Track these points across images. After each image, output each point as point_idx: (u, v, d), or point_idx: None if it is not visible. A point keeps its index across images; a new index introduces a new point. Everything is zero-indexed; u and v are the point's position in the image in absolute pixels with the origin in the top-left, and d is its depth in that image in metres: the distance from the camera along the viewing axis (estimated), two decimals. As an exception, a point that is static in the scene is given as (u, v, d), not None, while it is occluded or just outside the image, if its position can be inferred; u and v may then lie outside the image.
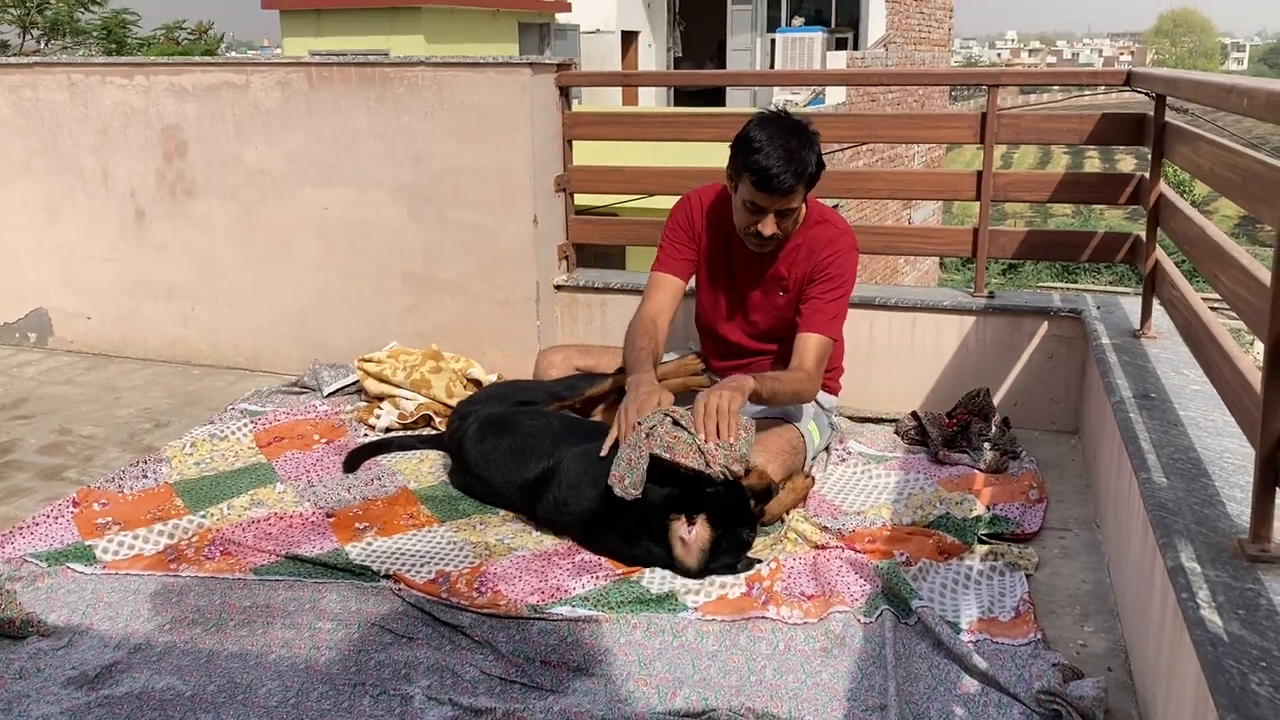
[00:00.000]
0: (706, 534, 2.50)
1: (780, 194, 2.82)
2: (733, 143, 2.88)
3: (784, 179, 2.78)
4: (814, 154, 2.84)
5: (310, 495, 2.97)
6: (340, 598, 2.43)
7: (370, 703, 2.06)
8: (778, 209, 2.87)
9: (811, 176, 2.85)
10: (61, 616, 2.36)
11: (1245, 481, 1.97)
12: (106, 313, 4.51)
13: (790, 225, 2.95)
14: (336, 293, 4.12)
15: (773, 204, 2.85)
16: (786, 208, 2.87)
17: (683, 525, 2.51)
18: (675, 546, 2.50)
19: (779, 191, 2.81)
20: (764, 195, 2.83)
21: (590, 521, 2.66)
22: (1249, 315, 1.85)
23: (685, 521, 2.51)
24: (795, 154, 2.79)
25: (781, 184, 2.79)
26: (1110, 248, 3.54)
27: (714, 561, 2.50)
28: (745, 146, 2.81)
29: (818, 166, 2.86)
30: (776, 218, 2.88)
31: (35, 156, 4.43)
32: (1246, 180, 2.01)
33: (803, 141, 2.82)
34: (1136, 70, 3.32)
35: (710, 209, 3.13)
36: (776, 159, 2.77)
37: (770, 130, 2.82)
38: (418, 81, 3.80)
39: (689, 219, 3.15)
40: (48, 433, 3.63)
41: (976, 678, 2.07)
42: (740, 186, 2.87)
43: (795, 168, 2.78)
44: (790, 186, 2.80)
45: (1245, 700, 1.36)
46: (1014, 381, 3.56)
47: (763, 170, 2.77)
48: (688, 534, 2.50)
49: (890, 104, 17.21)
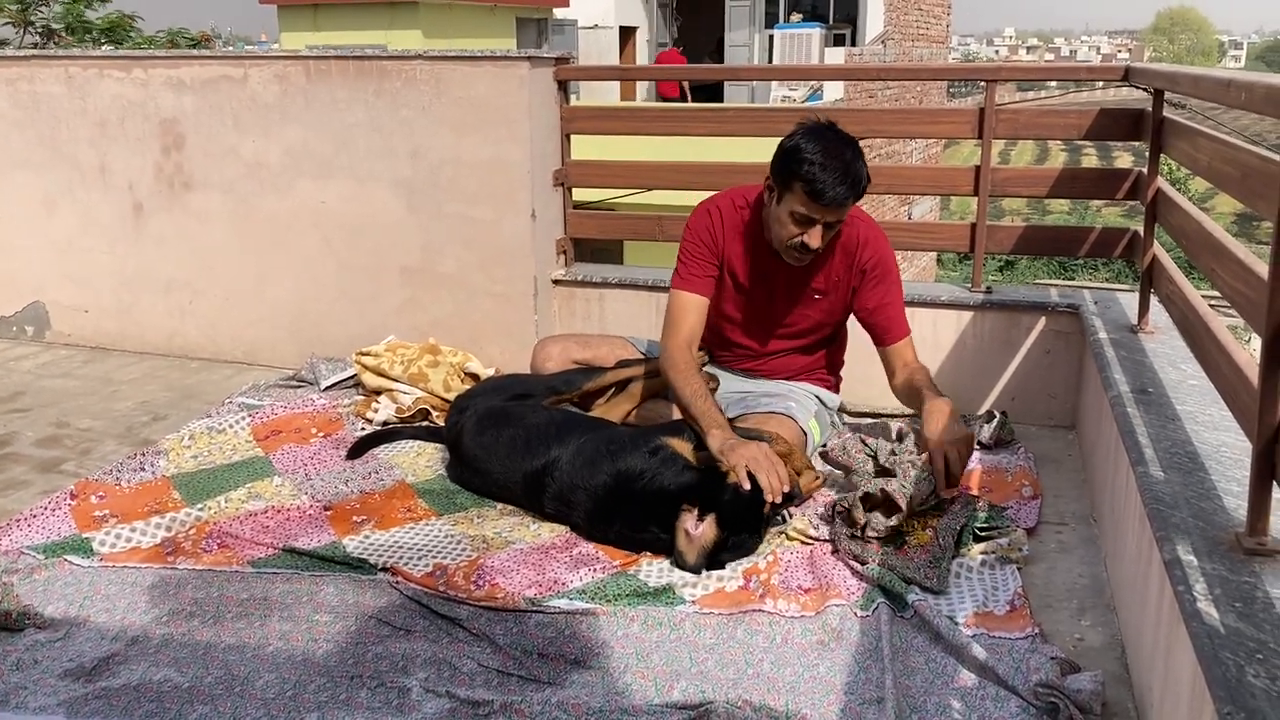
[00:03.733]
0: (712, 534, 2.50)
1: (835, 206, 2.78)
2: (778, 153, 2.83)
3: (840, 191, 2.74)
4: (865, 167, 2.81)
5: (308, 488, 2.97)
6: (337, 590, 2.43)
7: (368, 695, 2.06)
8: (829, 221, 2.82)
9: (864, 190, 2.82)
10: (59, 609, 2.36)
11: (1242, 475, 1.97)
12: (104, 306, 4.50)
13: (831, 236, 2.91)
14: (334, 286, 4.12)
15: (825, 215, 2.80)
16: (836, 220, 2.83)
17: (692, 518, 2.51)
18: (679, 537, 2.50)
19: (834, 203, 2.76)
20: (818, 207, 2.77)
21: (599, 506, 2.66)
22: (1246, 310, 1.86)
23: (695, 515, 2.51)
24: (851, 166, 2.75)
25: (838, 196, 2.74)
26: (1108, 243, 3.54)
27: (713, 562, 2.50)
28: (797, 157, 2.75)
29: (868, 179, 2.83)
30: (826, 230, 2.84)
31: (33, 149, 4.42)
32: (1245, 175, 2.01)
33: (856, 153, 2.80)
34: (1134, 65, 3.32)
35: (733, 218, 3.05)
36: (834, 171, 2.72)
37: (824, 143, 2.77)
38: (415, 75, 3.80)
39: (711, 232, 3.05)
40: (45, 425, 3.63)
41: (974, 670, 2.08)
42: (787, 197, 2.81)
43: (851, 180, 2.75)
44: (845, 198, 2.77)
45: (1241, 692, 1.36)
46: (1011, 377, 3.56)
47: (819, 182, 2.72)
48: (694, 528, 2.50)
49: (888, 100, 17.20)
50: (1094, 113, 3.45)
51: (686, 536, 2.50)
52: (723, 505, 2.52)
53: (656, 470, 2.64)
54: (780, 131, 2.94)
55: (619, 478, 2.65)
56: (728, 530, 2.51)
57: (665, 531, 2.54)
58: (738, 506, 2.53)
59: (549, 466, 2.76)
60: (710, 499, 2.53)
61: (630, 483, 2.62)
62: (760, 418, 3.00)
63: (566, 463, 2.75)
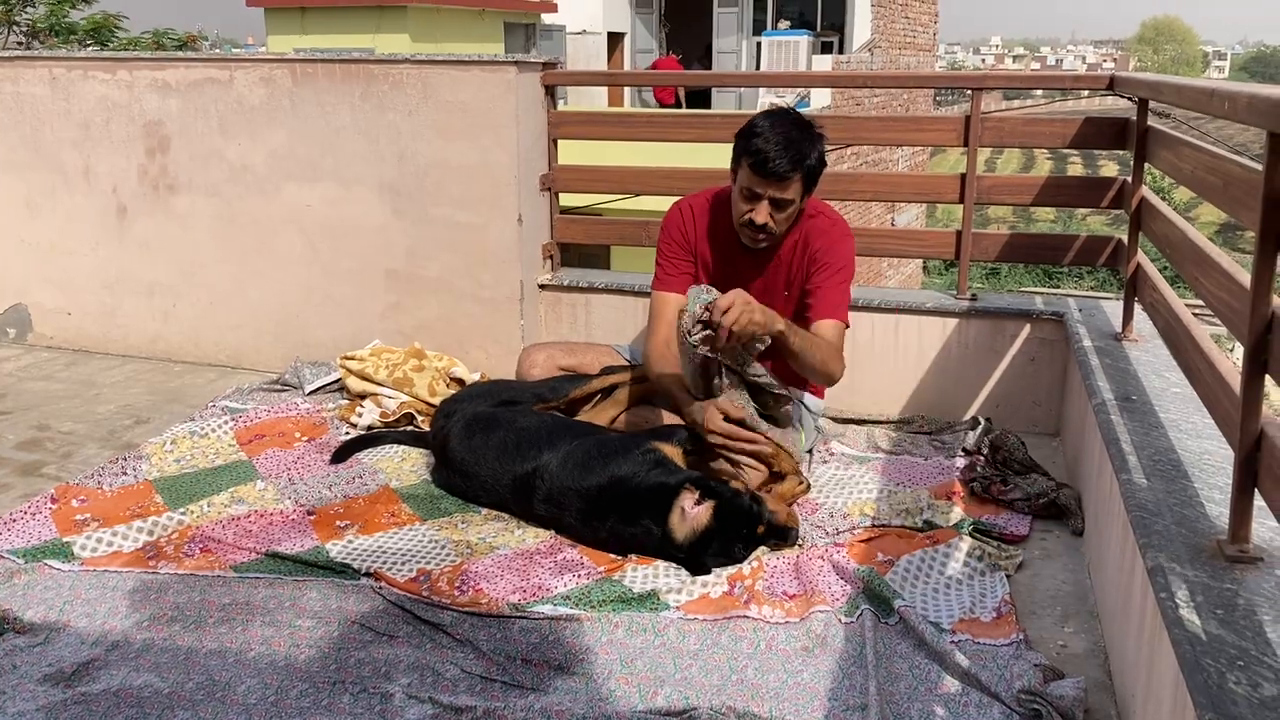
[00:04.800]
0: (706, 518, 2.52)
1: (776, 179, 2.83)
2: (737, 132, 2.90)
3: (780, 163, 2.80)
4: (815, 149, 2.86)
5: (291, 493, 2.96)
6: (320, 595, 2.42)
7: (350, 700, 2.05)
8: (772, 196, 2.86)
9: (810, 170, 2.86)
10: (38, 613, 2.34)
11: (1224, 483, 1.98)
12: (87, 309, 4.48)
13: (785, 221, 2.94)
14: (319, 290, 4.11)
15: (768, 189, 2.85)
16: (781, 197, 2.86)
17: (691, 498, 2.54)
18: (674, 513, 2.53)
19: (774, 176, 2.82)
20: (760, 179, 2.84)
21: (592, 506, 2.67)
22: (1229, 318, 1.87)
23: (695, 497, 2.54)
24: (796, 142, 2.82)
25: (778, 168, 2.80)
26: (1093, 251, 3.56)
27: (700, 550, 2.51)
28: (748, 132, 2.85)
29: (818, 163, 2.87)
30: (771, 207, 2.88)
31: (15, 151, 4.39)
32: (1228, 184, 2.02)
33: (806, 134, 2.85)
34: (1119, 75, 3.33)
35: (705, 215, 3.11)
36: (775, 143, 2.80)
37: (775, 120, 2.86)
38: (402, 79, 3.79)
39: (683, 231, 3.13)
40: (26, 428, 3.60)
41: (958, 677, 2.08)
42: (739, 173, 2.89)
43: (793, 154, 2.80)
44: (785, 172, 2.81)
45: (1223, 699, 1.37)
46: (996, 384, 3.57)
47: (760, 153, 2.80)
48: (690, 507, 2.53)
49: (875, 108, 17.25)
50: (1079, 121, 3.46)
51: (681, 514, 2.52)
52: (724, 500, 2.55)
53: (649, 471, 2.66)
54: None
55: (612, 479, 2.66)
56: (721, 524, 2.52)
57: (659, 524, 2.55)
58: (737, 507, 2.56)
59: (540, 469, 2.76)
60: (713, 491, 2.56)
61: (623, 483, 2.64)
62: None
63: (558, 465, 2.75)
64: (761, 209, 2.88)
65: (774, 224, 2.91)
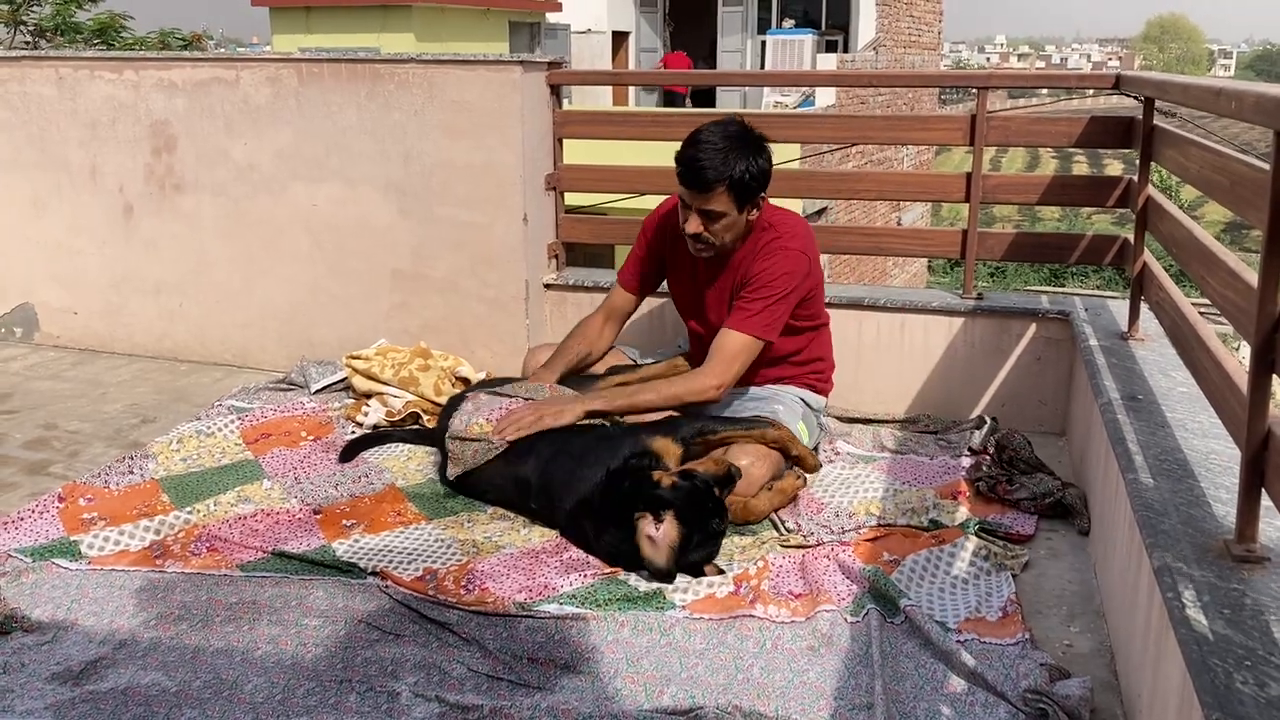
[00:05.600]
0: (675, 532, 2.46)
1: (699, 189, 2.86)
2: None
3: (703, 173, 2.82)
4: (747, 161, 2.86)
5: (297, 492, 2.97)
6: (327, 594, 2.42)
7: (357, 699, 2.05)
8: (699, 207, 2.89)
9: (737, 182, 2.85)
10: (46, 612, 2.35)
11: (1231, 482, 1.97)
12: (93, 308, 4.49)
13: (724, 232, 2.94)
14: (325, 289, 4.11)
15: (694, 200, 2.89)
16: (709, 208, 2.89)
17: (649, 523, 2.48)
18: (643, 546, 2.46)
19: (696, 186, 2.85)
20: (685, 189, 2.89)
21: (570, 515, 2.69)
22: (1235, 317, 1.86)
23: (652, 519, 2.48)
24: (724, 155, 2.83)
25: (699, 177, 2.83)
26: (1098, 250, 3.55)
27: (685, 557, 2.48)
28: (686, 139, 2.88)
29: (750, 176, 2.86)
30: (702, 218, 2.91)
31: (22, 151, 4.41)
32: (1234, 183, 2.02)
33: (740, 146, 2.86)
34: (1125, 74, 3.33)
35: (673, 220, 3.14)
36: (702, 153, 2.83)
37: (714, 129, 2.88)
38: (408, 79, 3.79)
39: (658, 230, 3.22)
40: (33, 428, 3.61)
41: (964, 676, 2.08)
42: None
43: (717, 165, 2.82)
44: (708, 182, 2.83)
45: (1230, 699, 1.37)
46: (1002, 383, 3.57)
47: (684, 162, 2.85)
48: (655, 532, 2.47)
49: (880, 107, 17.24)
50: (1085, 120, 3.46)
51: (650, 543, 2.46)
52: (678, 498, 2.49)
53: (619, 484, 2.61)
54: (771, 137, 2.96)
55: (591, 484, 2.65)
56: (689, 522, 2.48)
57: (626, 542, 2.50)
58: (689, 498, 2.50)
59: (535, 465, 2.78)
60: (661, 499, 2.50)
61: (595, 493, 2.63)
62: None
63: (548, 461, 2.77)
64: (693, 219, 2.92)
65: (710, 234, 2.93)
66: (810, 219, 13.67)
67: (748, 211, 2.94)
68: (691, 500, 2.51)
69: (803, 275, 3.01)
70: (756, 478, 2.83)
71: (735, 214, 2.91)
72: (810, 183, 4.82)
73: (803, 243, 3.03)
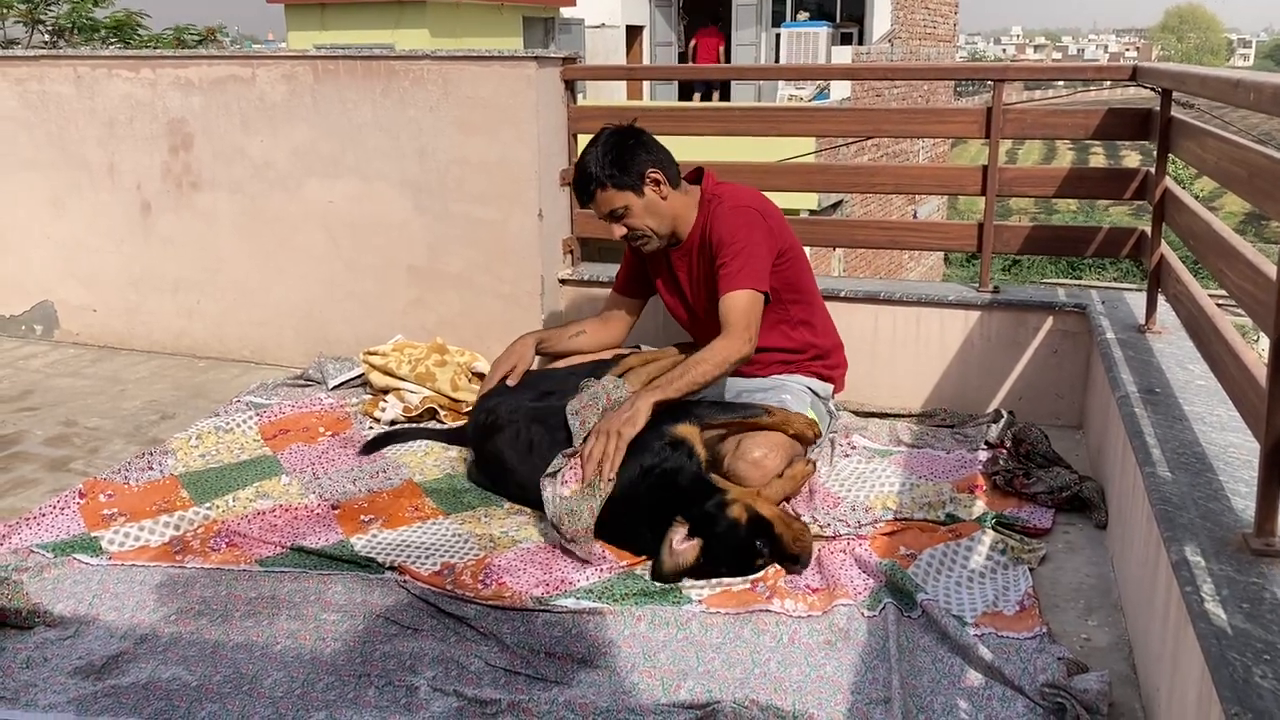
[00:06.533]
0: (692, 556, 2.47)
1: (586, 199, 3.00)
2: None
3: (580, 184, 2.99)
4: (614, 155, 2.94)
5: (315, 487, 2.98)
6: (345, 589, 2.44)
7: (375, 694, 2.06)
8: (601, 214, 3.01)
9: (608, 177, 2.93)
10: (68, 607, 2.37)
11: (1250, 476, 1.97)
12: (112, 305, 4.52)
13: (649, 220, 3.01)
14: (341, 286, 4.13)
15: (596, 210, 3.02)
16: (608, 210, 2.99)
17: (681, 533, 2.50)
18: (664, 546, 2.48)
19: (583, 197, 3.01)
20: (581, 206, 3.04)
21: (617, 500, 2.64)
22: (1255, 310, 1.86)
23: (685, 532, 2.50)
24: (589, 163, 2.95)
25: (580, 189, 3.00)
26: (1115, 243, 3.53)
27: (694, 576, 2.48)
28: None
29: (617, 166, 2.93)
30: (613, 220, 3.01)
31: (41, 149, 4.44)
32: (1253, 175, 2.01)
33: (606, 146, 2.96)
34: (1143, 65, 3.31)
35: None
36: (578, 168, 2.99)
37: (590, 144, 3.00)
38: (423, 75, 3.80)
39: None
40: (54, 424, 3.64)
41: (981, 670, 2.08)
42: None
43: (586, 173, 2.95)
44: (587, 194, 2.97)
45: (1249, 693, 1.36)
46: (1018, 376, 3.56)
47: (572, 186, 3.01)
48: (678, 543, 2.48)
49: (895, 99, 17.19)
50: (1102, 112, 3.44)
51: (669, 549, 2.48)
52: (712, 537, 2.49)
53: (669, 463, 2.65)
54: (786, 131, 2.98)
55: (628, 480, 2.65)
56: (709, 562, 2.48)
57: (655, 533, 2.52)
58: (726, 544, 2.49)
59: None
60: (703, 524, 2.50)
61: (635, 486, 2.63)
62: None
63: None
64: (614, 227, 3.03)
65: (633, 229, 3.01)
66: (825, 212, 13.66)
67: (653, 190, 2.98)
68: (727, 545, 2.49)
69: (760, 226, 2.99)
70: (770, 468, 2.83)
71: (636, 200, 2.97)
72: (826, 176, 4.82)
73: (750, 201, 3.05)
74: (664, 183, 2.99)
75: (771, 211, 3.06)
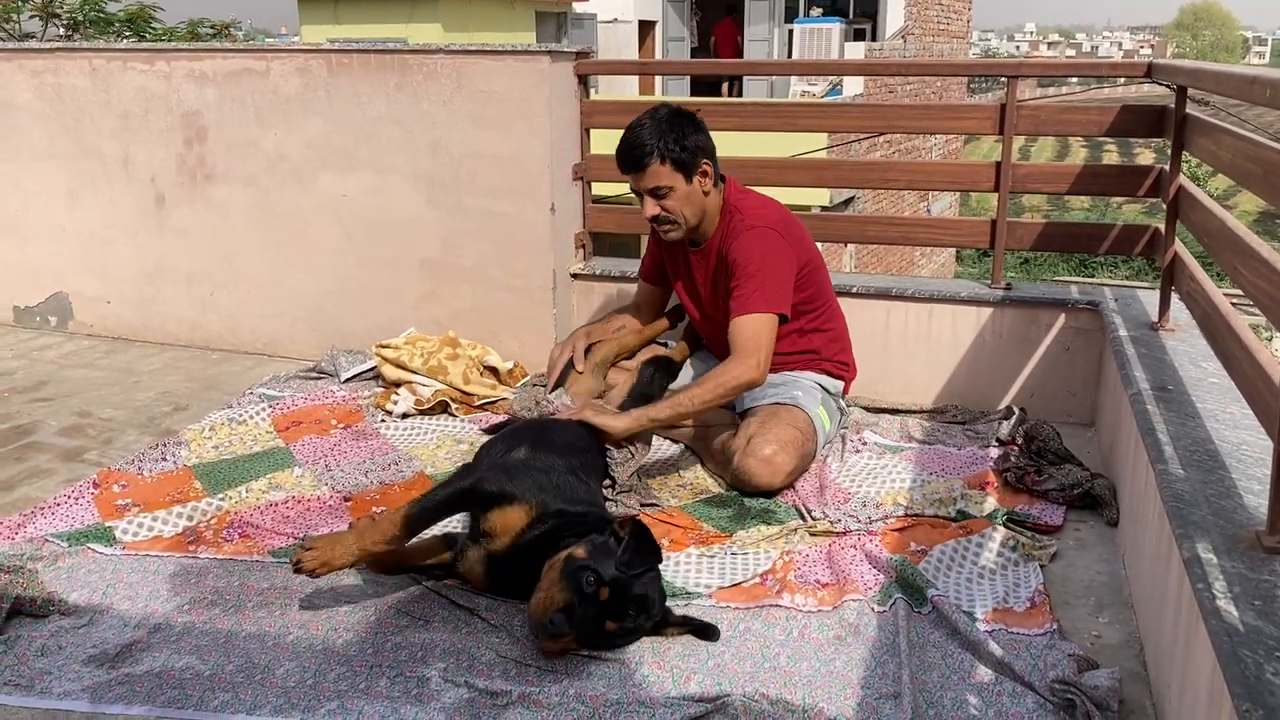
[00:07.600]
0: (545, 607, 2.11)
1: (634, 168, 2.94)
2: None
3: (632, 150, 2.92)
4: (677, 133, 2.92)
5: (328, 479, 2.99)
6: (357, 580, 2.45)
7: (387, 684, 2.07)
8: (643, 188, 2.96)
9: (670, 151, 2.91)
10: (82, 596, 2.39)
11: (1263, 474, 1.96)
12: (126, 297, 4.54)
13: (679, 206, 2.99)
14: (354, 279, 4.14)
15: (635, 181, 2.97)
16: (654, 185, 2.95)
17: (556, 571, 2.15)
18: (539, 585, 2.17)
19: (632, 166, 2.94)
20: (628, 175, 2.97)
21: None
22: (1270, 308, 1.85)
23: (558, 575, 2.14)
24: (650, 130, 2.91)
25: (630, 155, 2.93)
26: (1129, 240, 3.53)
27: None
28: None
29: (682, 146, 2.92)
30: (653, 198, 2.97)
31: (57, 141, 4.46)
32: (1269, 172, 2.00)
33: (668, 122, 2.93)
34: (1158, 62, 3.30)
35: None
36: (632, 135, 2.93)
37: (643, 117, 2.96)
38: (437, 69, 3.81)
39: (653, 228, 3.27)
40: (68, 415, 3.66)
41: (991, 666, 2.08)
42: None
43: (646, 139, 2.90)
44: (640, 159, 2.91)
45: (1260, 690, 1.36)
46: (1030, 373, 3.56)
47: (620, 147, 2.95)
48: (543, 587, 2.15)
49: (908, 96, 17.14)
50: (1116, 109, 3.43)
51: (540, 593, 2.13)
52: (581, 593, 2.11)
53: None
54: (799, 126, 2.97)
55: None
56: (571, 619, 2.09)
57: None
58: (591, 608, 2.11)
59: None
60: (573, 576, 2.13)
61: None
62: (768, 409, 3.02)
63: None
64: (647, 203, 2.98)
65: (667, 211, 2.99)
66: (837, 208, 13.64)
67: (699, 182, 2.98)
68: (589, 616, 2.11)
69: (780, 250, 2.99)
70: (780, 466, 2.84)
71: (684, 185, 2.96)
72: (838, 172, 4.81)
73: (771, 220, 3.04)
74: (710, 176, 3.00)
75: (792, 228, 3.07)
